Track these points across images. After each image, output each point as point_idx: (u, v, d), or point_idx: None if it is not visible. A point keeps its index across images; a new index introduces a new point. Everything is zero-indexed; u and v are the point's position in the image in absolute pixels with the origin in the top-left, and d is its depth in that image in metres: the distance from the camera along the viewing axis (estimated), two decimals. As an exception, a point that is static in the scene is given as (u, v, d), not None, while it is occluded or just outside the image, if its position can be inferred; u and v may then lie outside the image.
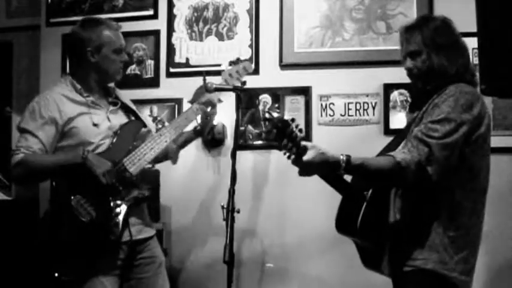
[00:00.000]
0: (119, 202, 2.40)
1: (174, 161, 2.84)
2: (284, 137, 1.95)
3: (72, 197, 2.35)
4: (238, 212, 2.33)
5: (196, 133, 2.84)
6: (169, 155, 2.77)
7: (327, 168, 1.98)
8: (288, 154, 1.98)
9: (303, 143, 1.95)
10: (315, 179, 3.41)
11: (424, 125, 1.95)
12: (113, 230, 2.36)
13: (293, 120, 1.95)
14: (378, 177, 1.99)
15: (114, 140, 2.48)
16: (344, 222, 2.14)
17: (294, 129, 1.94)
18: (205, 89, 2.64)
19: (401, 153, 1.92)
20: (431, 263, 1.95)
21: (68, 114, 2.45)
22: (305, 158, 1.94)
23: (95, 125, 2.47)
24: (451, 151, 1.90)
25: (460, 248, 1.95)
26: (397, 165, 1.89)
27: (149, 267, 2.57)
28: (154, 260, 2.59)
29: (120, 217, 2.39)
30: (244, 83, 2.75)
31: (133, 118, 2.65)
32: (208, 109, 2.75)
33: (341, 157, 1.94)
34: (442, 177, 1.91)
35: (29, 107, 2.47)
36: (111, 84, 2.67)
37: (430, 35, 2.05)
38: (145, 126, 2.69)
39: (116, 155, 2.43)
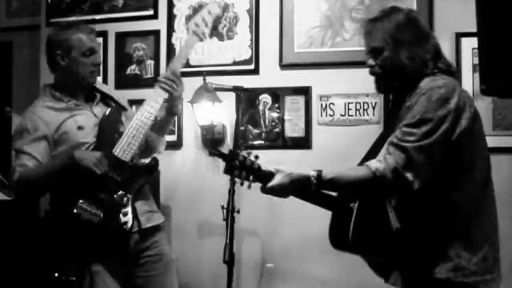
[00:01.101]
0: (121, 193, 2.41)
1: (160, 150, 2.75)
2: (234, 169, 1.92)
3: (75, 210, 2.36)
4: (238, 212, 2.33)
5: (169, 113, 2.64)
6: (150, 144, 2.67)
7: (298, 187, 1.92)
8: (246, 183, 1.94)
9: (268, 169, 1.92)
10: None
11: (399, 129, 1.84)
12: (123, 222, 2.39)
13: (238, 147, 1.95)
14: (354, 189, 1.91)
15: (98, 134, 2.48)
16: (337, 238, 2.06)
17: (246, 158, 1.91)
18: (205, 89, 2.64)
19: (376, 162, 1.82)
20: (445, 272, 1.83)
21: (54, 123, 2.47)
22: (271, 183, 1.91)
23: (80, 127, 2.48)
24: (430, 153, 1.79)
25: (478, 248, 1.84)
26: (372, 175, 1.80)
27: (157, 265, 2.55)
28: (162, 258, 2.57)
29: (129, 208, 2.40)
30: (215, 27, 2.65)
31: (113, 105, 2.62)
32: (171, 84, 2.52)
33: (311, 173, 1.88)
34: (426, 181, 1.79)
35: (18, 127, 2.52)
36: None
37: (391, 31, 1.93)
38: (125, 109, 2.67)
39: (105, 148, 2.43)
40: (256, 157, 1.96)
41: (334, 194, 2.07)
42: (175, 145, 3.60)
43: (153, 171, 2.56)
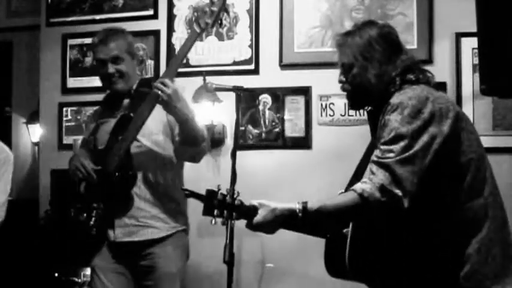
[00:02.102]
0: (95, 205, 2.44)
1: (177, 159, 2.60)
2: (214, 208, 1.89)
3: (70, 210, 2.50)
4: (238, 212, 2.32)
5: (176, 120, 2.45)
6: (176, 152, 2.56)
7: (284, 223, 1.86)
8: (228, 221, 1.91)
9: (252, 203, 1.87)
10: (315, 179, 3.42)
11: (378, 148, 1.78)
12: (91, 229, 2.44)
13: (219, 189, 1.89)
14: (343, 216, 1.83)
15: (107, 142, 2.49)
16: (334, 265, 1.99)
17: (226, 196, 1.88)
18: (205, 89, 2.63)
19: (361, 184, 1.75)
20: (458, 280, 1.72)
21: (90, 129, 2.65)
22: (255, 220, 1.85)
23: (102, 134, 2.54)
24: (413, 165, 1.71)
25: (487, 249, 1.75)
26: (359, 198, 1.72)
27: (150, 276, 2.50)
28: (154, 270, 2.49)
29: (94, 218, 2.43)
30: (220, 20, 2.42)
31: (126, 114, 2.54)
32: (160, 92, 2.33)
33: (296, 206, 1.81)
34: (414, 195, 1.71)
35: None
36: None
37: (362, 47, 1.88)
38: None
39: (104, 157, 2.45)
40: (237, 193, 1.93)
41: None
42: (175, 145, 3.60)
43: (125, 185, 2.43)
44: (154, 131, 2.49)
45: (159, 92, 2.29)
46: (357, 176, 1.96)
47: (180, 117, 2.37)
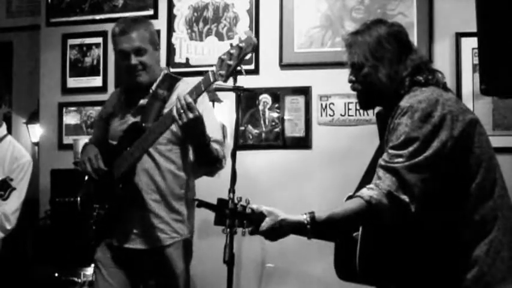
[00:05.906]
0: (98, 205, 2.44)
1: (194, 176, 2.59)
2: (226, 218, 1.88)
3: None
4: (238, 211, 2.32)
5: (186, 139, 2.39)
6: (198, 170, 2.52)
7: (292, 233, 1.83)
8: (243, 230, 1.89)
9: (260, 209, 1.86)
10: (315, 179, 3.42)
11: (386, 152, 1.75)
12: (90, 229, 2.45)
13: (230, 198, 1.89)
14: (351, 224, 1.82)
15: (118, 142, 2.43)
16: (344, 269, 1.98)
17: (237, 205, 1.88)
18: (205, 89, 2.61)
19: (368, 190, 1.72)
20: (467, 282, 1.73)
21: (107, 111, 2.57)
22: (261, 227, 1.83)
23: (115, 127, 2.48)
24: (423, 171, 1.69)
25: (499, 250, 1.73)
26: (367, 204, 1.70)
27: (151, 277, 2.49)
28: (155, 273, 2.47)
29: (96, 218, 2.43)
30: (238, 69, 2.10)
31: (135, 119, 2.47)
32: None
33: (304, 217, 1.78)
34: (424, 201, 1.69)
35: None
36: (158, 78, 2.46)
37: (372, 46, 1.85)
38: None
39: (113, 156, 2.41)
40: (248, 201, 1.91)
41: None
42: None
43: (127, 199, 2.38)
44: (161, 140, 2.37)
45: (181, 112, 2.06)
46: (365, 180, 1.92)
47: (195, 143, 2.29)
